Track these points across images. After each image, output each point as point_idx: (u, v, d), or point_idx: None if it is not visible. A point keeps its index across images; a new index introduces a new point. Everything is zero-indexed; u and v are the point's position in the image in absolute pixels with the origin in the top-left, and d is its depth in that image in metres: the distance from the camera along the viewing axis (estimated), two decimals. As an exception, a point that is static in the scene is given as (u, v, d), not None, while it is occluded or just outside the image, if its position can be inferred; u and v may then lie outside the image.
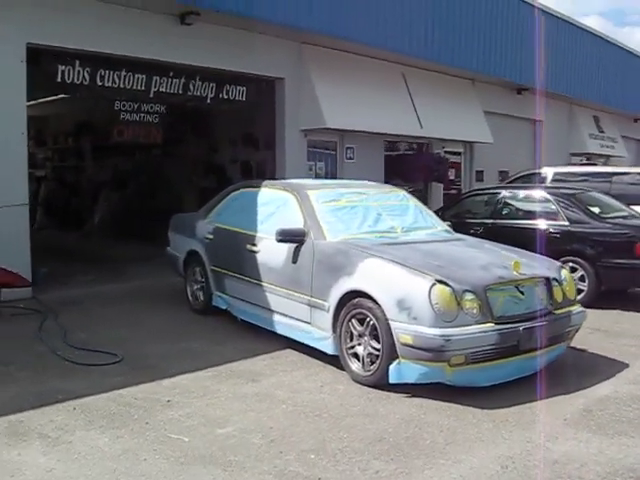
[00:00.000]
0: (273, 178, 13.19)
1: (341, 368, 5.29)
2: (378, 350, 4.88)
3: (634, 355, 5.89)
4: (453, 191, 15.31)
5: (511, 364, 4.87)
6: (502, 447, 3.94)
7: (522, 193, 9.02)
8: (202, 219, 7.38)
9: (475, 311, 4.68)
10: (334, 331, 5.29)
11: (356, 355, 5.11)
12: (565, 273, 5.48)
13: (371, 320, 4.92)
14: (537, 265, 5.40)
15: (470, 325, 4.63)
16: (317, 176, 12.02)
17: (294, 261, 5.73)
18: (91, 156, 15.92)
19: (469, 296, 4.69)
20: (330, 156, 12.40)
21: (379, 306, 4.84)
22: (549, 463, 3.71)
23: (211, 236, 7.05)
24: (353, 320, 5.09)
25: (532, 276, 5.14)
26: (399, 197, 6.66)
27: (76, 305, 7.66)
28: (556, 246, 7.80)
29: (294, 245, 5.74)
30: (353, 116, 11.62)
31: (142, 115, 9.68)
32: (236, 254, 6.56)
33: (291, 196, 6.18)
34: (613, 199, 8.83)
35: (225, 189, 7.53)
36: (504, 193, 9.06)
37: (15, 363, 5.41)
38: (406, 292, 4.72)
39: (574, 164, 18.38)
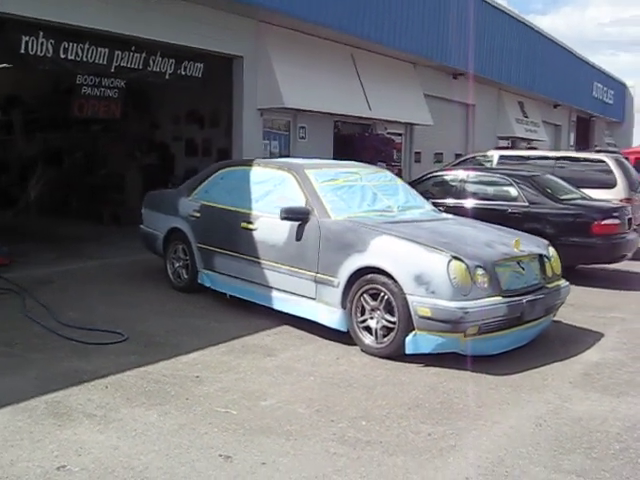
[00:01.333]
0: (224, 157, 13.20)
1: (346, 342, 5.50)
2: (393, 323, 5.13)
3: (604, 325, 6.43)
4: (395, 172, 15.76)
5: (513, 334, 5.25)
6: (528, 409, 4.29)
7: (482, 175, 9.49)
8: (185, 196, 7.34)
9: (486, 285, 5.01)
10: (343, 306, 5.48)
11: (368, 328, 5.33)
12: (552, 250, 5.92)
13: (385, 295, 5.15)
14: (530, 243, 5.80)
15: (482, 298, 4.96)
16: (272, 155, 12.08)
17: (298, 238, 5.85)
18: (23, 130, 15.18)
19: (480, 271, 5.02)
20: (283, 135, 12.47)
21: (395, 281, 5.08)
22: (575, 420, 4.09)
23: (197, 214, 7.04)
24: (365, 295, 5.31)
25: (529, 253, 5.54)
26: (387, 177, 6.91)
27: (49, 284, 7.44)
28: (516, 226, 8.24)
29: (297, 223, 5.86)
30: (309, 96, 11.75)
31: (102, 90, 9.38)
32: (228, 232, 6.60)
33: (289, 175, 6.28)
34: (564, 182, 9.44)
35: (209, 167, 7.51)
36: (464, 175, 9.49)
37: (18, 344, 5.27)
38: (424, 268, 4.98)
39: (504, 147, 19.29)
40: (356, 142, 13.76)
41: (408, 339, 5.02)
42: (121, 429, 3.75)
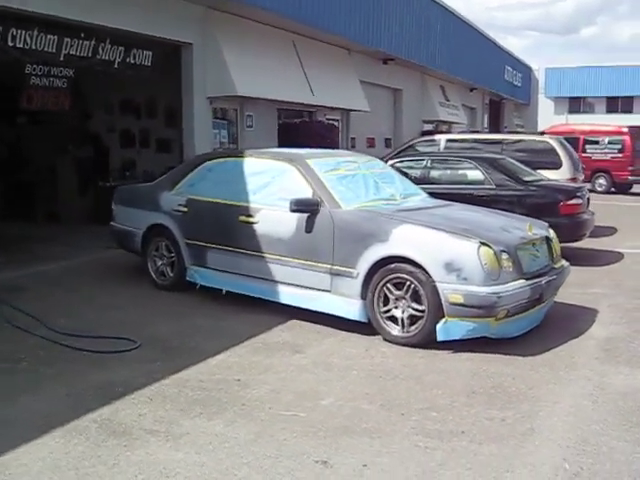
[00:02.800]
0: (164, 148, 12.74)
1: (366, 333, 5.46)
2: (420, 311, 5.13)
3: (591, 301, 6.69)
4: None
5: (531, 315, 5.40)
6: (574, 387, 4.43)
7: (447, 159, 9.65)
8: (167, 191, 6.99)
9: (511, 269, 5.11)
10: (363, 297, 5.43)
11: (391, 318, 5.31)
12: (552, 232, 6.11)
13: (412, 284, 5.14)
14: (536, 225, 5.95)
15: (508, 282, 5.05)
16: (221, 144, 11.77)
17: (308, 230, 5.72)
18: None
19: (505, 255, 5.10)
20: (231, 124, 12.16)
21: (423, 270, 5.07)
22: (623, 395, 4.26)
23: (184, 208, 6.73)
24: (389, 285, 5.27)
25: (540, 236, 5.69)
26: (380, 165, 6.89)
27: (22, 291, 6.88)
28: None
29: (305, 215, 5.73)
30: (258, 84, 11.50)
31: (52, 80, 8.77)
32: (223, 226, 6.36)
33: (289, 166, 6.12)
34: (522, 164, 9.77)
35: (191, 159, 7.18)
36: (429, 161, 9.61)
37: (24, 359, 4.85)
38: (454, 255, 5.01)
39: (429, 131, 19.75)
40: (300, 129, 13.64)
41: (439, 326, 5.04)
42: (195, 444, 3.54)
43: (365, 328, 5.49)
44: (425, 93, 21.07)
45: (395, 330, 5.28)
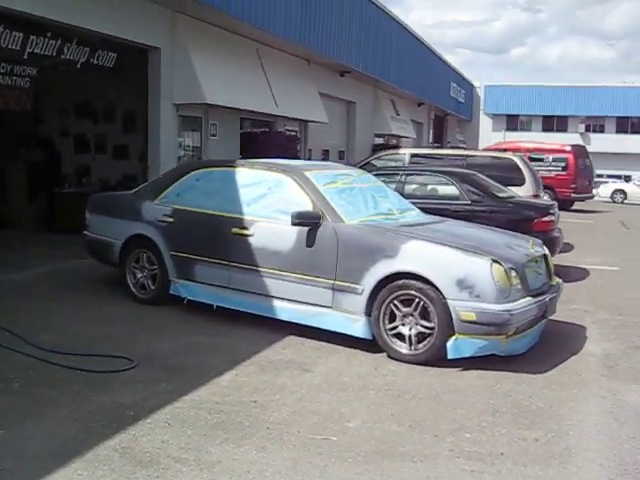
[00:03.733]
0: (121, 155, 12.32)
1: (368, 350, 5.36)
2: (430, 329, 5.06)
3: (577, 317, 6.78)
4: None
5: (534, 332, 5.42)
6: (592, 405, 4.46)
7: (422, 174, 9.68)
8: (149, 200, 6.69)
9: (519, 287, 5.12)
10: (367, 314, 5.32)
11: (398, 335, 5.22)
12: (546, 249, 6.18)
13: (420, 300, 5.07)
14: (534, 243, 6.00)
15: (517, 300, 5.05)
16: (185, 152, 11.46)
17: (309, 245, 5.58)
18: None
19: (513, 273, 5.11)
20: (195, 132, 11.86)
21: (433, 286, 5.01)
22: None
23: (170, 219, 6.45)
24: (396, 301, 5.19)
25: (540, 253, 5.74)
26: (372, 179, 6.81)
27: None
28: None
29: (306, 228, 5.58)
30: (225, 92, 11.29)
31: (14, 79, 8.30)
32: (213, 238, 6.13)
33: (286, 177, 5.96)
34: (492, 180, 9.91)
35: (175, 168, 6.91)
36: (403, 175, 9.61)
37: (14, 379, 4.49)
38: (466, 272, 4.96)
39: (383, 145, 19.93)
40: (262, 139, 13.47)
41: (450, 344, 4.98)
42: (232, 473, 3.32)
43: (366, 345, 5.39)
44: (377, 107, 21.27)
45: (402, 348, 5.19)
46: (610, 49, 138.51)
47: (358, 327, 5.38)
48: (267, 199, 5.97)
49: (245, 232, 5.92)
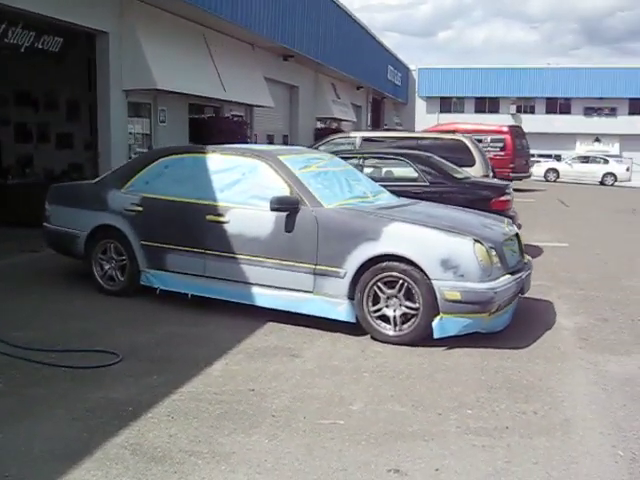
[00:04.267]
0: (66, 144, 11.88)
1: (349, 333, 5.39)
2: (414, 310, 5.13)
3: (542, 293, 6.92)
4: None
5: (510, 309, 5.56)
6: (577, 376, 4.64)
7: (379, 157, 9.73)
8: (115, 189, 6.47)
9: (499, 265, 5.24)
10: (350, 297, 5.34)
11: (382, 317, 5.26)
12: (515, 227, 6.35)
13: (405, 282, 5.12)
14: (506, 222, 6.15)
15: (498, 278, 5.17)
16: (135, 139, 11.15)
17: (288, 230, 5.53)
18: None
19: (493, 252, 5.22)
20: (144, 119, 11.54)
21: (417, 268, 5.07)
22: (624, 381, 4.50)
23: (138, 208, 6.26)
24: (379, 283, 5.22)
25: (514, 232, 5.89)
26: (342, 163, 6.81)
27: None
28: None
29: (284, 214, 5.54)
30: (175, 77, 11.03)
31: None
32: (186, 226, 6.01)
33: (261, 163, 5.87)
34: (448, 162, 10.06)
35: (142, 155, 6.70)
36: (361, 159, 9.62)
37: (-3, 380, 4.29)
38: (450, 252, 5.04)
39: (326, 128, 19.91)
40: (211, 125, 13.23)
41: (435, 324, 5.06)
42: (250, 463, 3.27)
43: (348, 328, 5.41)
44: (319, 91, 21.24)
45: (387, 329, 5.23)
46: (534, 32, 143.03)
47: (341, 311, 5.39)
48: (242, 185, 5.87)
49: (220, 219, 5.81)
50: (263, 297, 5.70)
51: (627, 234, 12.21)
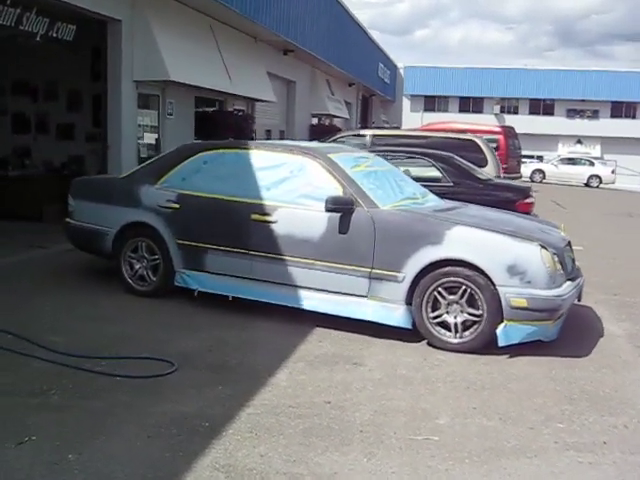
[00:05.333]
0: (66, 135, 11.45)
1: (399, 339, 5.19)
2: (477, 316, 4.95)
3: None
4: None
5: (564, 316, 5.43)
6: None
7: (401, 156, 9.53)
8: (149, 184, 6.16)
9: (561, 272, 5.10)
10: (407, 302, 5.15)
11: (441, 324, 5.08)
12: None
13: (468, 288, 4.95)
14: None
15: (562, 285, 5.03)
16: (144, 131, 10.79)
17: (342, 231, 5.31)
18: None
19: (556, 258, 5.07)
20: (152, 111, 11.19)
21: (481, 273, 4.89)
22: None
23: (175, 205, 5.97)
24: (440, 289, 5.04)
25: (568, 238, 5.75)
26: (384, 162, 6.59)
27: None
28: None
29: (338, 215, 5.31)
30: (186, 68, 10.69)
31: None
32: (230, 225, 5.75)
33: (310, 160, 5.64)
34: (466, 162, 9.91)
35: (176, 150, 6.41)
36: (383, 157, 9.42)
37: (50, 391, 3.99)
38: (516, 258, 4.87)
39: (320, 125, 19.66)
40: (217, 119, 12.91)
41: (499, 331, 4.89)
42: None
43: (396, 333, 5.21)
44: (314, 86, 20.99)
45: (447, 336, 5.05)
46: (509, 33, 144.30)
47: (397, 316, 5.19)
48: (290, 183, 5.63)
49: (267, 218, 5.56)
50: (312, 301, 5.47)
51: (637, 239, 12.20)
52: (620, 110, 43.06)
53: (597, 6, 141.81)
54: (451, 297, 5.02)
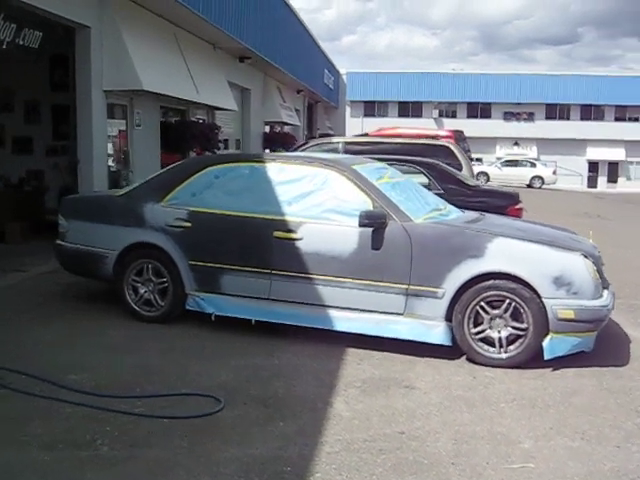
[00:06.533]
0: (24, 148, 10.79)
1: (437, 356, 5.02)
2: (522, 330, 4.82)
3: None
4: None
5: (598, 326, 5.37)
6: None
7: (388, 164, 9.37)
8: (154, 202, 5.75)
9: (600, 281, 5.02)
10: (447, 319, 4.96)
11: (484, 339, 4.92)
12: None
13: (512, 301, 4.80)
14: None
15: (603, 294, 4.96)
16: (113, 144, 10.24)
17: (376, 247, 5.08)
18: None
19: (595, 267, 5.00)
20: (119, 121, 10.63)
21: (526, 286, 4.76)
22: None
23: (187, 223, 5.59)
24: (482, 303, 4.87)
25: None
26: (399, 172, 6.38)
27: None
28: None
29: (369, 229, 5.08)
30: (158, 78, 10.21)
31: None
32: (250, 244, 5.42)
33: (335, 173, 5.38)
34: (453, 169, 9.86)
35: (182, 164, 6.00)
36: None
37: (95, 441, 3.56)
38: (561, 269, 4.76)
39: (273, 133, 19.34)
40: (183, 129, 12.42)
41: (546, 344, 4.77)
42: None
43: (431, 350, 5.03)
44: (267, 94, 20.65)
45: (489, 352, 4.89)
46: (434, 38, 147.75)
47: (437, 333, 5.00)
48: (313, 198, 5.35)
49: (292, 235, 5.27)
50: (343, 321, 5.20)
51: (617, 240, 12.25)
52: (554, 112, 44.62)
53: (518, 12, 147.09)
54: (494, 311, 4.86)
